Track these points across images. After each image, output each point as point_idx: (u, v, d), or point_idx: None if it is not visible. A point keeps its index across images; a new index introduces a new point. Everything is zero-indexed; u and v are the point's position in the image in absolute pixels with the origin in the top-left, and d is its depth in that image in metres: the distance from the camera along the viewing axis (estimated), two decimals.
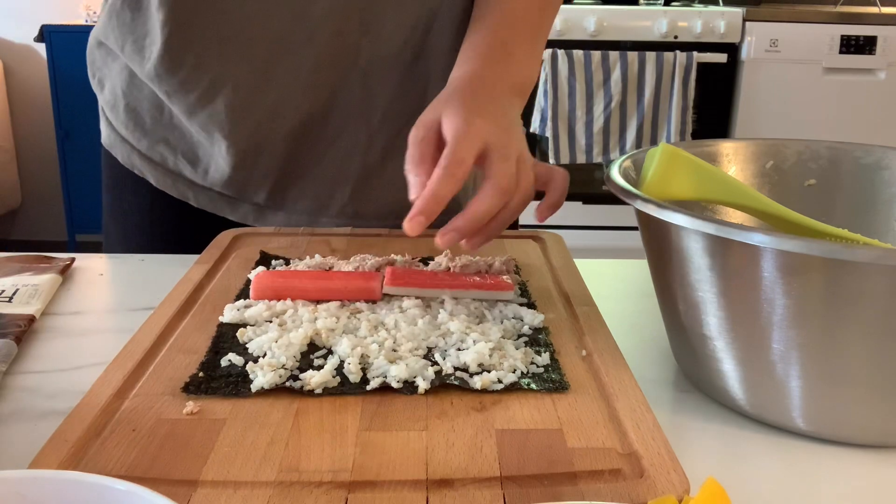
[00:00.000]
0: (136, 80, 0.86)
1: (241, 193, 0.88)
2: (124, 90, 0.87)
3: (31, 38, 3.11)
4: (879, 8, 3.03)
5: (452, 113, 0.63)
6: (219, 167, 0.86)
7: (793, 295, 0.47)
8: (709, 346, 0.53)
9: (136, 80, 0.86)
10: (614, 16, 2.79)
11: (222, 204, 0.89)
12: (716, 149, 0.68)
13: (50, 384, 0.57)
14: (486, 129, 0.62)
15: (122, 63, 0.86)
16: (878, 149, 0.66)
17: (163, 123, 0.86)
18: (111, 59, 0.88)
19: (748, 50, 2.80)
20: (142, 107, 0.86)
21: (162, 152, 0.87)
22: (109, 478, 0.33)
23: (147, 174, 0.89)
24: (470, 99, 0.66)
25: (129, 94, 0.87)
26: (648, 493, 0.42)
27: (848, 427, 0.51)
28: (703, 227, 0.48)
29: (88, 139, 3.03)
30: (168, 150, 0.87)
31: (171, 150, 0.87)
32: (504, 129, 0.64)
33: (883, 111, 2.87)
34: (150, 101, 0.86)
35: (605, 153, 2.80)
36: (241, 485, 0.42)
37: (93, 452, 0.45)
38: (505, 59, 0.72)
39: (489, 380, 0.51)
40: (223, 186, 0.87)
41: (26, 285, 0.70)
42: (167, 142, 0.87)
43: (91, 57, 0.91)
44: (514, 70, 0.72)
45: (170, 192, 0.88)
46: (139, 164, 0.89)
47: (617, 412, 0.49)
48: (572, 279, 0.70)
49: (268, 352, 0.55)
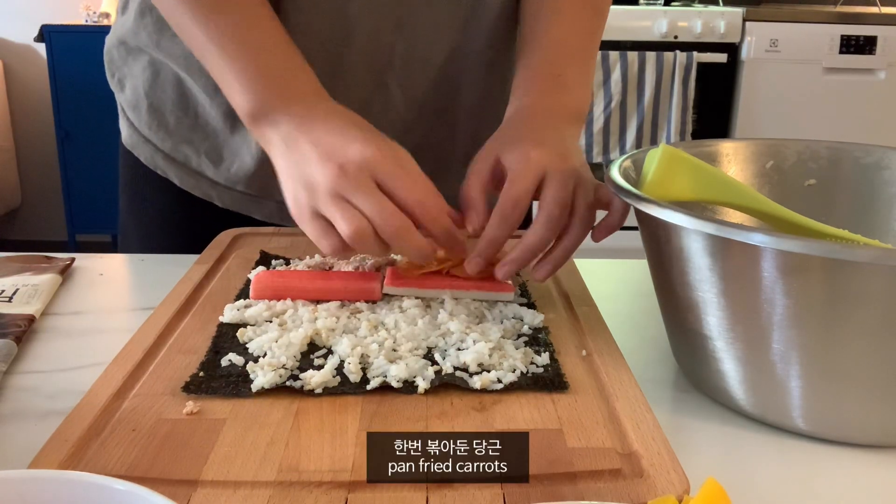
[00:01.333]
0: (159, 80, 0.86)
1: (264, 191, 0.87)
2: (146, 90, 0.87)
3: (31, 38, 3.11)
4: (879, 8, 3.03)
5: (510, 148, 0.64)
6: (243, 163, 0.85)
7: (793, 295, 0.47)
8: (709, 346, 0.53)
9: (160, 79, 0.85)
10: (614, 16, 2.79)
11: (247, 203, 0.89)
12: (716, 149, 0.68)
13: (50, 384, 0.57)
14: (544, 159, 0.63)
15: (145, 62, 0.86)
16: (878, 149, 0.66)
17: (187, 123, 0.86)
18: (132, 59, 0.87)
19: (748, 50, 2.80)
20: (165, 107, 0.86)
21: (185, 152, 0.87)
22: (109, 478, 0.34)
23: (171, 174, 0.88)
24: (526, 131, 0.67)
25: (152, 94, 0.86)
26: (648, 493, 0.42)
27: (848, 427, 0.51)
28: (703, 227, 0.48)
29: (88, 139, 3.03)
30: (191, 150, 0.87)
31: (194, 150, 0.87)
32: (562, 155, 0.64)
33: (883, 111, 2.87)
34: (174, 102, 0.86)
35: (605, 153, 2.80)
36: (241, 485, 0.42)
37: (93, 452, 0.45)
38: (558, 89, 0.73)
39: (489, 379, 0.51)
40: (246, 185, 0.87)
41: (26, 285, 0.70)
42: (191, 142, 0.86)
43: (109, 56, 0.90)
44: (568, 98, 0.73)
45: (194, 192, 0.88)
46: (163, 165, 0.88)
47: (617, 412, 0.49)
48: (572, 279, 0.71)
49: (268, 352, 0.55)
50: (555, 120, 0.70)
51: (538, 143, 0.65)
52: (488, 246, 0.63)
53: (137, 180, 0.91)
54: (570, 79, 0.74)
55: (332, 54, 0.80)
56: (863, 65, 2.82)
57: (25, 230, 3.53)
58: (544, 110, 0.71)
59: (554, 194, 0.62)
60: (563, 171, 0.63)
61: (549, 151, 0.64)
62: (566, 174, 0.63)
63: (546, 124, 0.70)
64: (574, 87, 0.74)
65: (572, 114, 0.73)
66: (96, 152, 3.00)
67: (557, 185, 0.62)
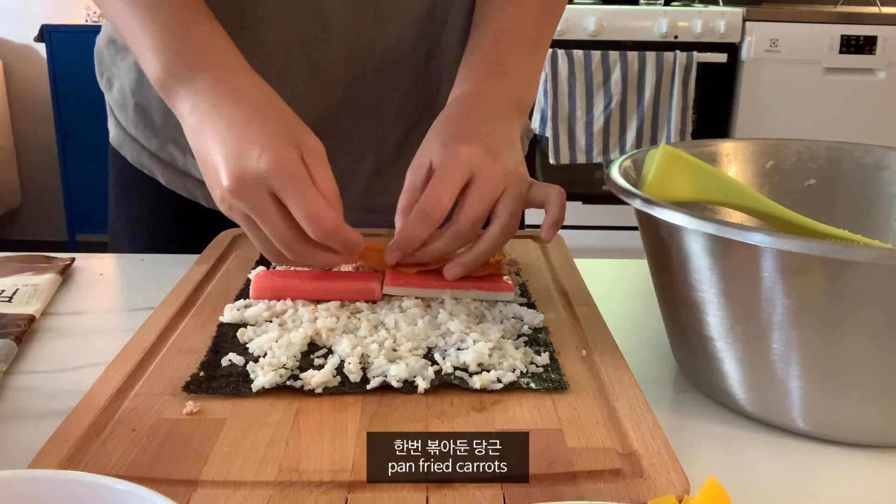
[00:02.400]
0: (145, 79, 0.85)
1: None
2: (133, 89, 0.87)
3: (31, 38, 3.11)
4: (879, 8, 3.03)
5: (439, 145, 0.63)
6: None
7: (793, 295, 0.47)
8: (709, 346, 0.53)
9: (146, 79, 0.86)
10: (614, 16, 2.79)
11: None
12: (716, 149, 0.68)
13: (50, 384, 0.57)
14: (472, 156, 0.62)
15: (132, 61, 0.86)
16: (878, 149, 0.66)
17: (172, 123, 0.86)
18: (120, 58, 0.88)
19: (748, 50, 2.80)
20: (151, 106, 0.86)
21: (171, 152, 0.87)
22: (109, 478, 0.34)
23: (157, 174, 0.88)
24: (460, 124, 0.66)
25: (139, 93, 0.86)
26: (648, 493, 0.42)
27: (848, 427, 0.51)
28: (703, 227, 0.48)
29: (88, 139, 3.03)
30: (177, 150, 0.87)
31: (180, 149, 0.87)
32: (492, 152, 0.63)
33: (883, 111, 2.87)
34: (160, 101, 0.85)
35: (605, 153, 2.80)
36: (241, 485, 0.42)
37: (93, 452, 0.45)
38: (499, 78, 0.72)
39: (488, 379, 0.51)
40: None
41: (26, 285, 0.70)
42: (176, 141, 0.86)
43: (99, 56, 0.91)
44: (508, 88, 0.72)
45: (180, 191, 0.88)
46: (149, 164, 0.88)
47: (617, 412, 0.49)
48: (572, 279, 0.70)
49: (268, 351, 0.55)
50: (492, 110, 0.69)
51: (468, 139, 0.63)
52: (406, 243, 0.62)
53: (125, 180, 0.91)
54: (513, 68, 0.73)
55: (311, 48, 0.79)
56: (863, 65, 2.82)
57: (25, 230, 3.53)
58: (482, 100, 0.70)
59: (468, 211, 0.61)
60: (491, 172, 0.62)
61: (479, 148, 0.63)
62: (494, 176, 0.62)
63: (482, 115, 0.68)
64: (516, 77, 0.73)
65: (512, 103, 0.71)
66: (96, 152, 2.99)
67: (478, 194, 0.61)
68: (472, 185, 0.62)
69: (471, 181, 0.62)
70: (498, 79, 0.72)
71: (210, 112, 0.61)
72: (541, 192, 0.64)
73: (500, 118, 0.69)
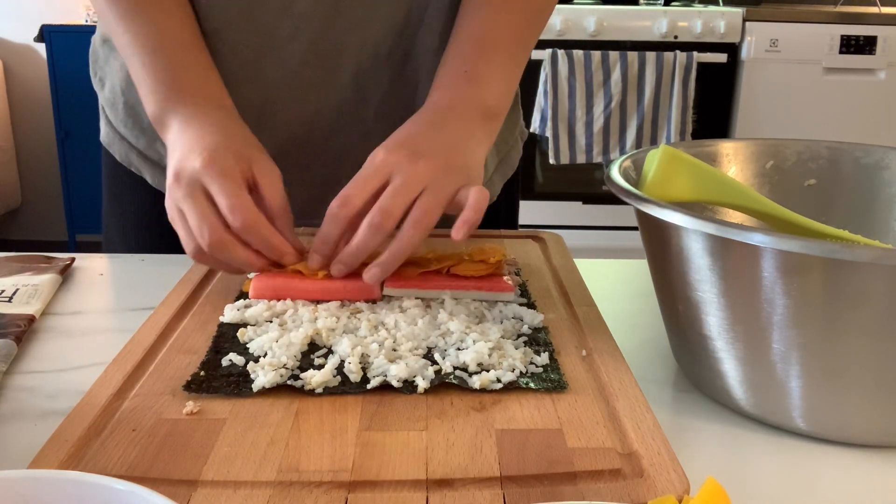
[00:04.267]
0: None
1: None
2: (123, 88, 0.87)
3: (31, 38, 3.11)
4: (879, 8, 3.03)
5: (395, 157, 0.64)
6: None
7: (793, 295, 0.47)
8: (709, 346, 0.53)
9: None
10: (614, 16, 2.80)
11: None
12: (716, 149, 0.68)
13: (50, 384, 0.57)
14: (391, 159, 0.63)
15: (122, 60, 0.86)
16: (878, 149, 0.66)
17: None
18: (112, 57, 0.88)
19: (748, 50, 2.80)
20: (140, 105, 0.86)
21: (159, 150, 0.87)
22: (109, 478, 0.33)
23: (144, 172, 0.89)
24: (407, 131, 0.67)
25: (128, 91, 0.87)
26: (648, 493, 0.42)
27: (848, 427, 0.51)
28: (703, 227, 0.48)
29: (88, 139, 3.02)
30: (164, 149, 0.87)
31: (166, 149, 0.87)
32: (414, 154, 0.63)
33: (883, 111, 2.87)
34: None
35: (605, 153, 2.80)
36: (241, 485, 0.42)
37: (93, 452, 0.45)
38: (465, 85, 0.72)
39: (488, 379, 0.51)
40: None
41: (26, 285, 0.70)
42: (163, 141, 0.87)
43: (94, 56, 0.91)
44: (474, 94, 0.71)
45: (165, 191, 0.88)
46: (137, 163, 0.89)
47: (617, 412, 0.49)
48: (572, 279, 0.70)
49: (268, 351, 0.55)
50: (451, 118, 0.69)
51: (395, 144, 0.65)
52: (321, 243, 0.63)
53: (115, 178, 0.92)
54: (480, 74, 0.72)
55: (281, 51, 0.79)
56: (863, 65, 2.82)
57: (25, 230, 3.53)
58: (445, 108, 0.70)
59: (381, 202, 0.62)
60: (410, 173, 0.62)
61: (402, 152, 0.64)
62: (413, 176, 0.62)
63: (436, 123, 0.69)
64: (484, 83, 0.72)
65: (478, 109, 0.71)
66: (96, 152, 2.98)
67: (391, 190, 0.62)
68: (389, 184, 0.63)
69: (388, 182, 0.63)
70: (462, 86, 0.72)
71: (180, 133, 0.69)
72: (464, 192, 0.64)
73: (468, 125, 0.69)
